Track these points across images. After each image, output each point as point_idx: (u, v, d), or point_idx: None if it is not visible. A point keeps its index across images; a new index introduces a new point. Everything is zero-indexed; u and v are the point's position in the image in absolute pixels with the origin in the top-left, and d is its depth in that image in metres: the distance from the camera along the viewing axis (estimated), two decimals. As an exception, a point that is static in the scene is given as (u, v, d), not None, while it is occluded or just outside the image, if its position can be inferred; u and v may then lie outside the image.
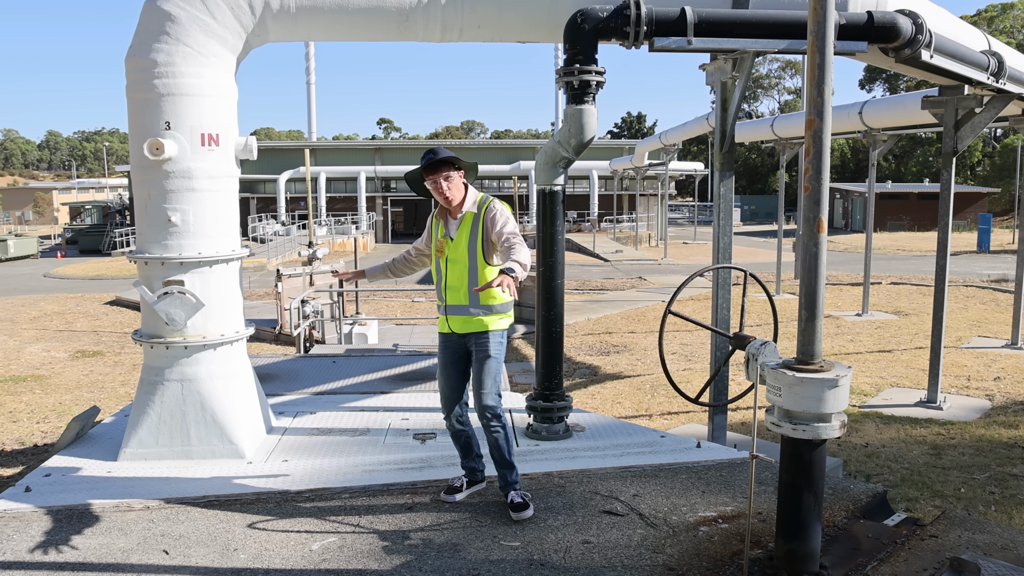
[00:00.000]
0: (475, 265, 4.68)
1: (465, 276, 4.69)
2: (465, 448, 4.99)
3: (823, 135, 3.61)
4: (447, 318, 4.78)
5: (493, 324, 4.73)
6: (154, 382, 5.62)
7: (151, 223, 5.52)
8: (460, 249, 4.70)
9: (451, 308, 4.75)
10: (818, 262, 3.70)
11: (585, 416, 6.63)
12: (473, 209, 4.73)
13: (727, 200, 6.44)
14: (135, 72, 5.42)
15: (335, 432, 6.19)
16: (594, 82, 5.64)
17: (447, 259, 4.75)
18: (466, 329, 4.73)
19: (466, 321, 4.72)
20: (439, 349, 4.92)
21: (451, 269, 4.73)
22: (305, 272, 18.28)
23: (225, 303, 5.72)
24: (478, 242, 4.67)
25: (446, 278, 4.75)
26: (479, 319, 4.70)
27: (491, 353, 4.71)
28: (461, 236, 4.71)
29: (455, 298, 4.72)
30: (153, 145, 5.30)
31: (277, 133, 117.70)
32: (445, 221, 4.82)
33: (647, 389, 11.69)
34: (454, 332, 4.77)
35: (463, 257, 4.70)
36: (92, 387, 13.54)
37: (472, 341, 4.75)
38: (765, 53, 5.81)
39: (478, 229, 4.67)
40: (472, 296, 4.66)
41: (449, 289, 4.74)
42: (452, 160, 4.65)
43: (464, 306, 4.70)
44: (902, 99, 17.22)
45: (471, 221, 4.71)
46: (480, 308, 4.69)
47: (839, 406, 3.70)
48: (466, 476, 5.03)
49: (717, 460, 5.53)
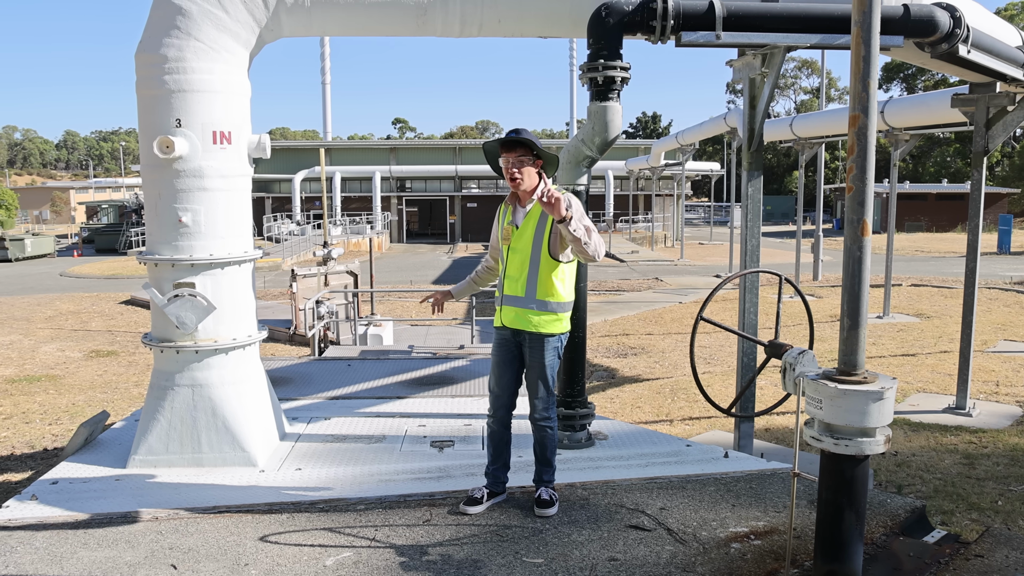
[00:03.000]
0: (538, 257, 4.48)
1: (525, 268, 4.50)
2: (497, 451, 4.81)
3: (868, 132, 3.39)
4: (501, 309, 4.61)
5: (548, 328, 4.53)
6: (164, 387, 5.46)
7: (161, 223, 5.36)
8: (525, 238, 4.51)
9: (506, 299, 4.57)
10: (862, 267, 3.48)
11: (607, 423, 6.43)
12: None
13: (755, 201, 6.22)
14: (145, 68, 5.26)
15: (350, 439, 6.01)
16: (619, 78, 5.43)
17: (510, 247, 4.56)
18: (517, 325, 4.55)
19: (518, 315, 4.53)
20: (493, 346, 4.75)
21: (512, 258, 4.55)
22: (320, 272, 18.16)
23: (237, 306, 5.55)
24: (545, 234, 4.47)
25: (506, 267, 4.58)
26: (531, 318, 4.51)
27: (546, 362, 4.56)
28: (527, 226, 4.52)
29: (512, 288, 4.55)
30: (163, 143, 5.14)
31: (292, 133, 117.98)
32: (514, 208, 4.64)
33: (667, 393, 11.47)
34: (507, 327, 4.60)
35: (526, 246, 4.50)
36: (106, 387, 13.45)
37: (526, 343, 4.58)
38: (796, 48, 5.59)
39: (547, 219, 4.46)
40: (529, 287, 4.47)
41: (507, 278, 4.57)
42: (530, 145, 4.45)
43: (519, 298, 4.52)
44: (925, 98, 16.90)
45: (540, 211, 4.51)
46: (535, 303, 4.50)
47: (884, 420, 3.49)
48: (488, 487, 4.83)
49: (746, 472, 5.31)
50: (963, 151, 65.44)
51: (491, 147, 4.63)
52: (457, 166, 52.66)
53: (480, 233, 51.48)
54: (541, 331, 4.53)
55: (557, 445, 4.87)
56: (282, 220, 47.64)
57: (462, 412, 6.74)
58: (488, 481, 4.84)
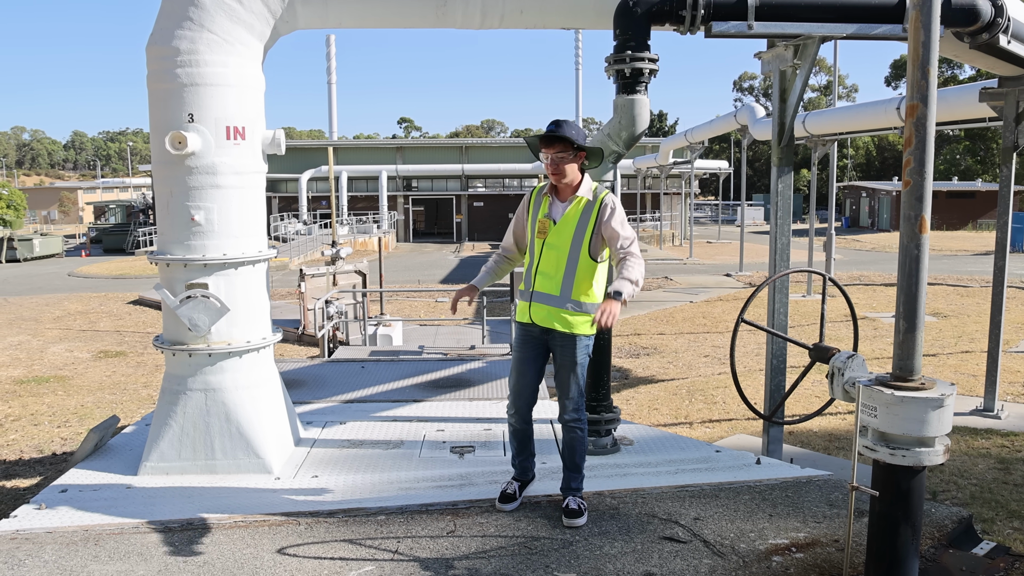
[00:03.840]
0: (576, 256, 4.32)
1: (562, 265, 4.32)
2: (522, 444, 4.70)
3: (927, 123, 3.18)
4: (530, 305, 4.42)
5: (582, 328, 4.38)
6: (176, 391, 5.27)
7: (173, 222, 5.17)
8: (564, 235, 4.33)
9: (537, 295, 4.38)
10: (920, 266, 3.28)
11: (631, 428, 6.22)
12: (588, 196, 4.36)
13: (785, 198, 6.01)
14: (156, 61, 5.07)
15: (367, 444, 5.82)
16: (647, 70, 5.23)
17: (545, 242, 4.37)
18: (548, 323, 4.38)
19: (550, 313, 4.36)
20: (516, 341, 4.57)
21: (548, 254, 4.36)
22: (328, 272, 18.00)
23: (251, 307, 5.36)
24: (587, 232, 4.31)
25: (539, 262, 4.39)
26: (565, 317, 4.34)
27: (578, 360, 4.40)
28: (568, 221, 4.34)
29: (545, 285, 4.36)
30: (175, 138, 4.95)
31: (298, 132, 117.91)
32: (551, 200, 4.45)
33: (683, 394, 11.26)
34: (535, 324, 4.42)
35: (565, 244, 4.32)
36: (114, 388, 13.29)
37: (556, 342, 4.41)
38: (831, 39, 5.38)
39: (589, 218, 4.31)
40: (564, 286, 4.31)
41: (540, 274, 4.38)
42: (571, 140, 4.27)
43: (553, 296, 4.34)
44: (944, 93, 16.63)
45: (582, 208, 4.34)
46: (571, 303, 4.33)
47: (943, 428, 3.28)
48: (517, 477, 4.74)
49: (780, 479, 5.10)
50: (973, 149, 65.04)
51: (532, 141, 4.47)
52: (464, 165, 52.45)
53: (487, 232, 51.28)
54: (575, 331, 4.39)
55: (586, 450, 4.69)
56: (289, 220, 47.53)
57: (481, 416, 6.54)
58: (516, 472, 4.76)
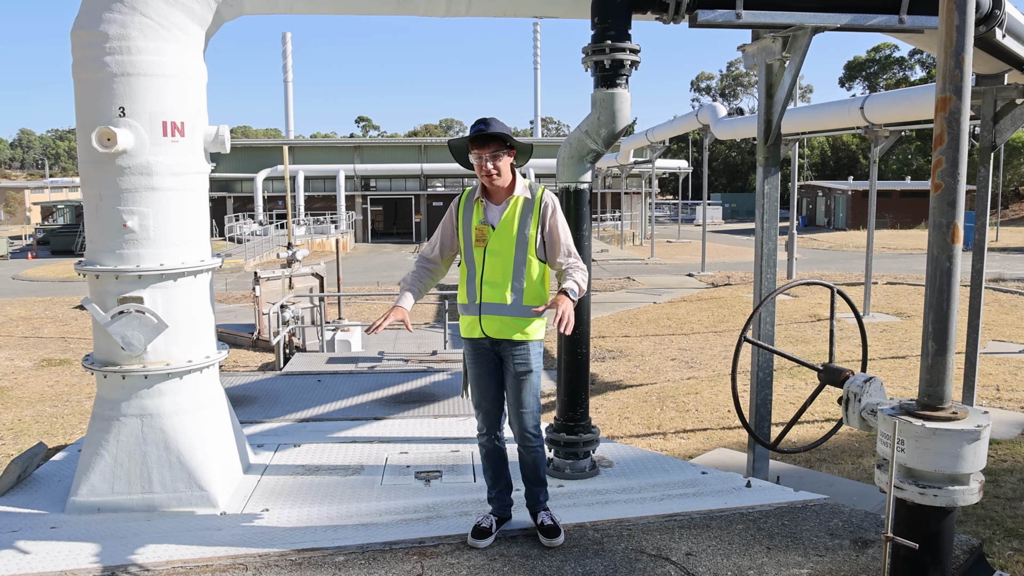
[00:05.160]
0: (523, 260, 3.96)
1: (509, 270, 3.95)
2: (497, 473, 4.29)
3: (961, 118, 2.80)
4: (480, 319, 4.01)
5: (537, 333, 4.05)
6: (109, 417, 4.72)
7: (103, 229, 4.62)
8: (506, 239, 3.96)
9: (487, 307, 3.98)
10: (952, 280, 2.89)
11: (609, 447, 5.81)
12: (526, 194, 4.01)
13: (772, 200, 5.65)
14: (83, 47, 4.52)
15: (323, 470, 5.32)
16: (628, 62, 4.81)
17: (487, 249, 3.98)
18: (504, 334, 4.00)
19: (504, 324, 3.99)
20: (469, 359, 4.17)
21: (492, 262, 3.97)
22: (284, 275, 17.36)
23: (193, 323, 4.83)
24: (530, 233, 3.96)
25: (482, 272, 3.99)
26: (519, 324, 3.98)
27: (532, 367, 4.05)
28: (508, 224, 3.97)
29: (493, 295, 3.97)
30: (104, 135, 4.41)
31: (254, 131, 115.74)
32: (484, 205, 4.05)
33: (654, 401, 10.90)
34: (487, 337, 4.02)
35: (508, 249, 3.95)
36: (57, 400, 12.54)
37: (507, 351, 4.04)
38: (824, 30, 5.01)
39: (530, 218, 3.96)
40: (515, 293, 3.94)
41: (486, 284, 3.98)
42: (504, 137, 3.91)
43: (503, 305, 3.97)
44: (907, 93, 16.59)
45: (521, 208, 3.99)
46: (522, 309, 3.97)
47: (979, 464, 2.91)
48: (495, 512, 4.31)
49: (774, 505, 4.72)
50: (924, 148, 66.25)
51: (458, 144, 4.09)
52: (423, 164, 51.78)
53: (447, 232, 50.56)
54: (531, 338, 4.06)
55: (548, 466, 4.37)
56: (244, 220, 46.43)
57: (447, 436, 6.08)
58: (494, 507, 4.35)
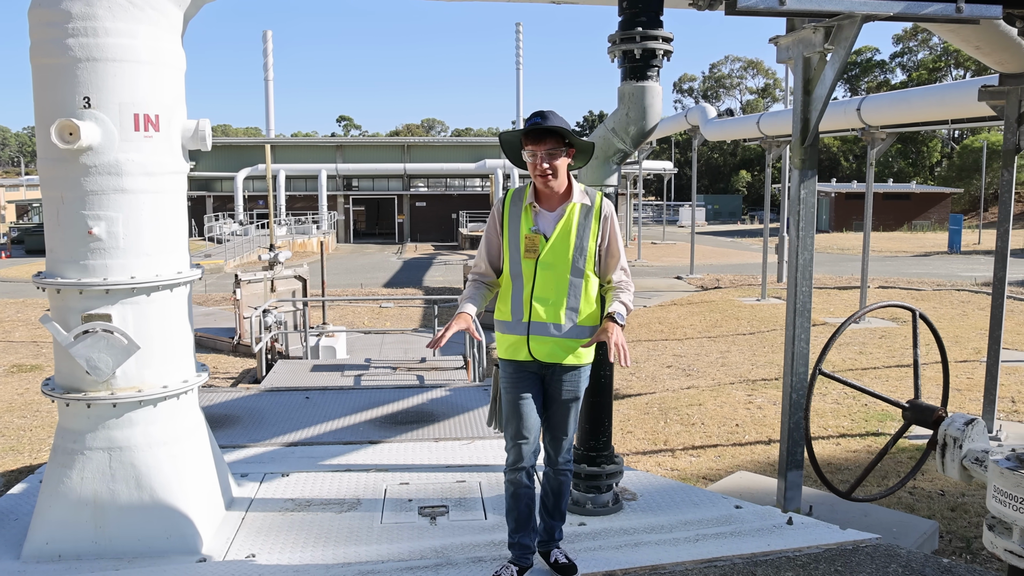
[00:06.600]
0: (580, 276, 3.51)
1: (564, 287, 3.48)
2: (524, 516, 3.77)
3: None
4: (528, 340, 3.51)
5: (586, 356, 3.61)
6: (71, 451, 4.14)
7: (65, 236, 4.04)
8: (561, 251, 3.48)
9: (536, 327, 3.49)
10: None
11: (630, 476, 5.28)
12: (585, 200, 3.52)
13: (808, 206, 5.15)
14: (41, 28, 3.95)
15: (315, 505, 4.77)
16: (661, 51, 4.31)
17: (539, 262, 3.48)
18: (555, 358, 3.53)
19: (557, 347, 3.51)
20: (508, 382, 3.64)
21: (543, 276, 3.49)
22: (266, 277, 16.76)
23: (169, 343, 4.26)
24: (590, 246, 3.49)
25: (533, 286, 3.49)
26: (571, 346, 3.52)
27: (580, 394, 3.65)
28: (564, 234, 3.49)
29: (547, 314, 3.48)
30: (65, 128, 3.83)
31: (234, 130, 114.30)
32: (536, 211, 3.55)
33: (656, 413, 10.42)
34: (536, 360, 3.54)
35: (563, 262, 3.47)
36: (25, 410, 11.85)
37: (557, 375, 3.57)
38: (876, 18, 4.53)
39: (589, 229, 3.49)
40: (569, 313, 3.48)
41: (537, 300, 3.48)
42: (563, 133, 3.41)
43: (557, 326, 3.48)
44: (906, 95, 16.37)
45: (580, 215, 3.51)
46: (578, 330, 3.53)
47: (1120, 529, 2.43)
48: (515, 560, 3.79)
49: (823, 546, 4.23)
50: (904, 151, 66.56)
51: (510, 138, 3.57)
52: (405, 164, 51.17)
53: (429, 233, 50.06)
54: (582, 362, 3.63)
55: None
56: (224, 220, 45.59)
57: (450, 463, 5.54)
58: (514, 554, 3.82)
